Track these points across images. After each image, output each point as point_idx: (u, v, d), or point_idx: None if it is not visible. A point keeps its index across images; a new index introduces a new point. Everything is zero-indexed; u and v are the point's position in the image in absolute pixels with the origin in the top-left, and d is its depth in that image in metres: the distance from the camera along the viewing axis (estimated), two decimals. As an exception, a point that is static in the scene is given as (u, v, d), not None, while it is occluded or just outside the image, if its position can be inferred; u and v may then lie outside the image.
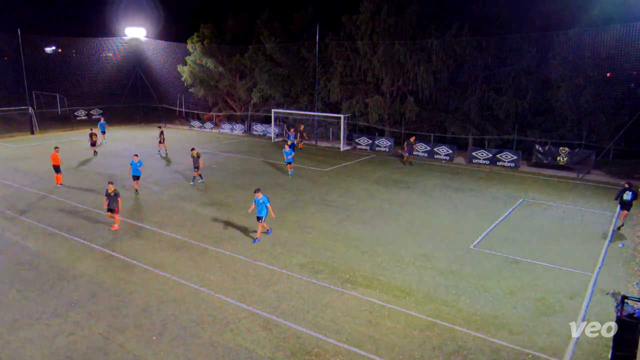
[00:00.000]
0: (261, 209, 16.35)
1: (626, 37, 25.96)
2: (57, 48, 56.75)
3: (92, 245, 16.23)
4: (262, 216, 16.40)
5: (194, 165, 24.04)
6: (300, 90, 41.61)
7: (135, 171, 22.15)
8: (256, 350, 10.38)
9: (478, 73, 32.61)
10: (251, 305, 12.29)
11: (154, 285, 13.38)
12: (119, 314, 11.84)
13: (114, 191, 17.33)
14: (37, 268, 14.43)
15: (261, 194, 16.35)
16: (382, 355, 10.26)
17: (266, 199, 16.39)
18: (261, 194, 16.35)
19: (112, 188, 17.38)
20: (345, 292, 13.07)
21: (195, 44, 45.43)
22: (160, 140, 32.78)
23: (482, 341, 10.77)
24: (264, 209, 16.34)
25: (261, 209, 16.35)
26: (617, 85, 28.05)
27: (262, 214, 16.38)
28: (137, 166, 22.06)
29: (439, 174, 27.78)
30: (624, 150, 27.18)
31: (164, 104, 50.82)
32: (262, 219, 16.45)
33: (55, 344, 10.56)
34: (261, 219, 16.44)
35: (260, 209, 16.35)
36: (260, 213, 16.38)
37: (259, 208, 16.36)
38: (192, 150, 24.23)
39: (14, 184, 24.06)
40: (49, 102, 47.29)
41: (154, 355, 10.20)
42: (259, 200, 16.25)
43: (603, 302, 12.56)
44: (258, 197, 16.25)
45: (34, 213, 19.64)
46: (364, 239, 17.08)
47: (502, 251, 15.99)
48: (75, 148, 34.23)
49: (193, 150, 24.22)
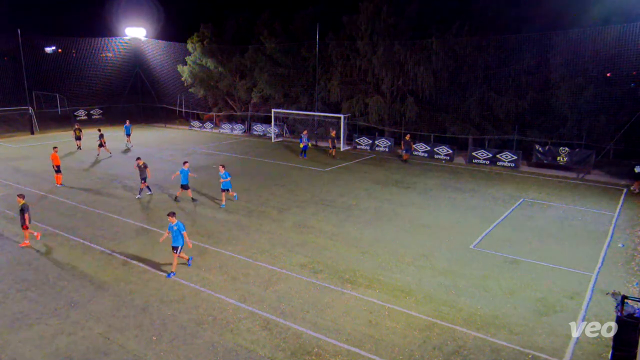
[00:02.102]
0: (176, 238, 13.91)
1: (626, 37, 26.00)
2: (57, 48, 56.91)
3: (92, 246, 16.26)
4: (178, 246, 13.92)
5: (140, 177, 21.78)
6: (301, 90, 41.64)
7: (185, 179, 20.96)
8: (256, 350, 10.40)
9: (478, 73, 32.62)
10: (251, 305, 12.31)
11: (154, 285, 13.41)
12: (118, 314, 11.86)
13: (21, 205, 16.02)
14: (37, 268, 14.45)
15: (175, 218, 13.95)
16: (382, 355, 10.28)
17: (182, 226, 13.96)
18: (175, 218, 13.95)
19: (22, 201, 16.09)
20: (345, 292, 13.09)
21: (195, 44, 45.45)
22: (101, 143, 31.66)
23: (482, 341, 10.80)
24: (179, 238, 13.91)
25: (176, 238, 13.91)
26: (617, 85, 28.08)
27: (178, 244, 13.91)
28: (187, 173, 20.97)
29: (439, 174, 27.82)
30: (624, 150, 27.18)
31: (164, 104, 50.91)
32: (178, 250, 13.95)
33: (55, 344, 10.59)
34: (177, 250, 13.93)
35: (175, 237, 13.91)
36: (175, 242, 13.93)
37: (174, 236, 13.91)
38: (137, 160, 22.03)
39: (14, 184, 24.08)
40: (49, 102, 47.34)
41: (154, 355, 10.22)
42: (173, 227, 13.84)
43: (603, 302, 12.58)
44: (172, 223, 13.84)
45: (34, 213, 19.50)
46: (364, 239, 17.10)
47: (502, 251, 16.01)
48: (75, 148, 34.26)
49: (139, 159, 22.02)
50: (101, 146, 31.82)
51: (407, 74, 34.15)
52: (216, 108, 48.38)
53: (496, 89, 32.05)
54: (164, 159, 31.67)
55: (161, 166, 28.75)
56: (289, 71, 41.26)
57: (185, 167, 21.11)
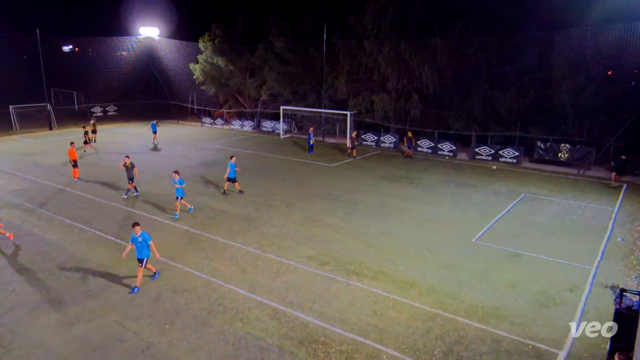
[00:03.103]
0: (141, 249, 12.75)
1: (628, 36, 26.06)
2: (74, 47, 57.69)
3: (108, 237, 16.62)
4: (144, 258, 12.81)
5: (127, 177, 21.06)
6: (308, 88, 41.97)
7: (232, 173, 21.60)
8: (265, 339, 10.62)
9: (481, 71, 32.80)
10: (260, 295, 12.55)
11: (167, 275, 13.69)
12: (133, 303, 12.16)
13: None
14: (56, 258, 14.82)
15: (140, 228, 12.83)
16: (387, 344, 10.46)
17: (147, 236, 12.86)
18: (140, 228, 12.83)
19: None
20: (351, 283, 13.29)
21: (206, 43, 45.94)
22: (86, 140, 31.71)
23: (484, 332, 10.94)
24: (144, 249, 12.78)
25: (141, 249, 12.75)
26: (618, 83, 28.16)
27: (144, 256, 12.78)
28: (234, 167, 21.60)
29: (443, 170, 28.02)
30: (625, 147, 27.32)
31: (177, 101, 51.57)
32: (144, 262, 12.85)
33: (73, 331, 10.89)
34: (142, 262, 12.82)
35: (140, 248, 12.75)
36: (140, 254, 12.77)
37: (139, 248, 12.74)
38: (125, 159, 21.16)
39: (34, 178, 24.68)
40: (67, 99, 48.15)
41: (167, 342, 10.50)
42: (138, 238, 12.71)
43: (602, 295, 12.70)
44: (136, 234, 12.71)
45: (53, 205, 20.15)
46: (369, 232, 17.31)
47: (503, 245, 16.16)
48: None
49: (126, 158, 21.17)
50: (86, 143, 31.72)
51: (412, 72, 34.41)
52: (227, 105, 48.87)
53: (499, 87, 32.17)
54: (177, 154, 32.16)
55: (175, 161, 29.25)
56: (297, 69, 41.59)
57: (232, 161, 21.70)
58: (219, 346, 10.37)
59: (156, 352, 10.22)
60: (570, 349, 10.40)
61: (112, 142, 36.26)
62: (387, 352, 10.24)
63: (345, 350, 10.29)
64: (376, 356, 10.12)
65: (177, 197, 18.79)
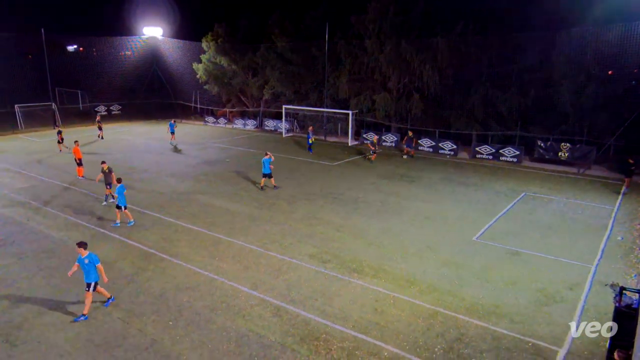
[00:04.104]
0: (88, 273, 11.42)
1: (628, 36, 26.09)
2: (78, 47, 57.86)
3: (112, 235, 16.74)
4: (91, 282, 11.48)
5: (105, 182, 20.23)
6: (310, 87, 42.10)
7: (267, 169, 22.20)
8: (267, 336, 10.70)
9: (482, 71, 32.87)
10: (262, 292, 12.63)
11: (170, 273, 13.78)
12: (137, 300, 12.25)
13: None
14: (60, 256, 14.93)
15: (86, 250, 11.48)
16: (387, 341, 10.52)
17: (95, 258, 11.49)
18: (86, 250, 11.48)
19: None
20: (352, 281, 13.37)
21: (209, 43, 46.05)
22: (59, 140, 31.57)
23: (484, 329, 10.99)
24: (92, 272, 11.44)
25: (88, 273, 11.42)
26: (618, 83, 28.17)
27: (91, 280, 11.45)
28: (268, 163, 22.15)
29: (444, 169, 28.12)
30: (625, 146, 27.37)
31: (180, 100, 51.77)
32: (91, 287, 11.49)
33: (77, 328, 10.98)
34: (89, 287, 11.48)
35: (87, 272, 11.42)
36: (88, 279, 11.44)
37: (86, 271, 11.41)
38: (102, 164, 20.42)
39: (39, 176, 24.84)
40: (71, 98, 48.40)
41: (170, 339, 10.58)
42: (84, 260, 11.38)
43: (602, 293, 12.74)
44: (82, 255, 11.40)
45: (57, 204, 20.27)
46: (371, 230, 17.39)
47: (504, 243, 16.23)
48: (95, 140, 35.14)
49: (103, 164, 20.42)
50: (60, 143, 31.72)
51: (413, 71, 34.42)
52: (230, 104, 49.00)
53: (500, 87, 32.21)
54: (180, 152, 32.32)
55: (178, 159, 29.39)
56: (299, 69, 41.70)
57: (266, 157, 22.14)
58: (221, 343, 10.43)
59: (160, 348, 10.29)
60: (570, 347, 10.44)
61: (116, 141, 36.46)
62: (388, 349, 10.30)
63: (347, 348, 10.35)
64: (377, 353, 10.18)
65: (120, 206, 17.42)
